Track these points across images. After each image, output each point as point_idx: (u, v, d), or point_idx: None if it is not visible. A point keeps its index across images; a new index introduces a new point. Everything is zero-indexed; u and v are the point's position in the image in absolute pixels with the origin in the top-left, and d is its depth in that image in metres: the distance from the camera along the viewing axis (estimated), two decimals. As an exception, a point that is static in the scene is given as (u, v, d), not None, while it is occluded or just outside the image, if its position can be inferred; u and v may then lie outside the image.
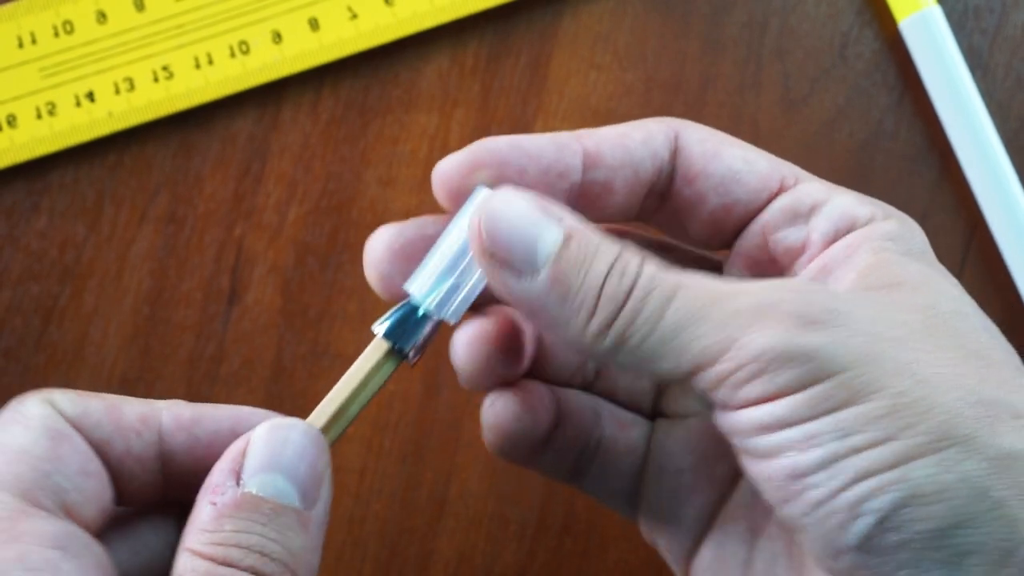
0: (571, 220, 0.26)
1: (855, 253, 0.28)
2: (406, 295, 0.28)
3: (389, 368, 0.28)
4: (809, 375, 0.24)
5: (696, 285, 0.26)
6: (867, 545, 0.24)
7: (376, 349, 0.28)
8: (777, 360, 0.24)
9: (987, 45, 0.41)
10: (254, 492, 0.25)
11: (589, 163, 0.29)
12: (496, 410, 0.30)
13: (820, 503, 0.24)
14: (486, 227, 0.26)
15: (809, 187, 0.29)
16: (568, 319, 0.26)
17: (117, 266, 0.40)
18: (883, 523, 0.24)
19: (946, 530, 0.24)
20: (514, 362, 0.30)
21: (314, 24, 0.40)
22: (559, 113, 0.41)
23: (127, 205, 0.41)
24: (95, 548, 0.25)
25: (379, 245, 0.29)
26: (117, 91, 0.40)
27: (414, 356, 0.28)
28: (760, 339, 0.25)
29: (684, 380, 0.26)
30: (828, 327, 0.25)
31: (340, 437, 0.28)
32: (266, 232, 0.41)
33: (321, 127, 0.41)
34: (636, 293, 0.26)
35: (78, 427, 0.27)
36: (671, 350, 0.25)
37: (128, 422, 0.27)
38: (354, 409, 0.28)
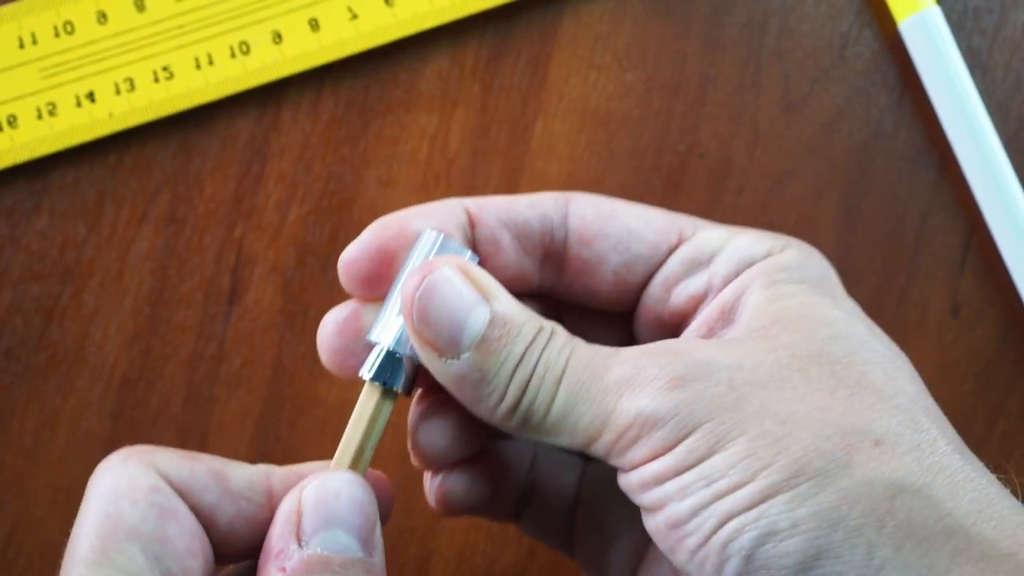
0: (500, 301, 0.27)
1: (747, 290, 0.29)
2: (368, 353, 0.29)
3: (389, 405, 0.29)
4: (676, 432, 0.26)
5: (580, 362, 0.27)
6: None
7: (371, 393, 0.29)
8: (647, 424, 0.26)
9: (986, 46, 0.41)
10: (319, 552, 0.26)
11: (473, 220, 0.30)
12: (455, 487, 0.31)
13: (696, 549, 0.26)
14: (418, 307, 0.27)
15: (707, 235, 0.30)
16: (480, 400, 0.27)
17: (117, 266, 0.41)
18: (749, 562, 0.25)
19: (807, 563, 0.25)
20: (476, 439, 0.31)
21: (314, 24, 0.40)
22: (559, 113, 0.41)
23: (127, 205, 0.41)
24: None
25: (328, 326, 0.30)
26: (118, 91, 0.40)
27: (405, 390, 0.29)
28: (631, 408, 0.26)
29: (584, 450, 0.27)
30: (690, 382, 0.26)
31: (364, 474, 0.29)
32: (266, 232, 0.41)
33: (321, 127, 0.41)
34: (536, 375, 0.27)
35: (185, 493, 0.27)
36: (565, 427, 0.27)
37: (236, 488, 0.28)
38: (370, 449, 0.29)
